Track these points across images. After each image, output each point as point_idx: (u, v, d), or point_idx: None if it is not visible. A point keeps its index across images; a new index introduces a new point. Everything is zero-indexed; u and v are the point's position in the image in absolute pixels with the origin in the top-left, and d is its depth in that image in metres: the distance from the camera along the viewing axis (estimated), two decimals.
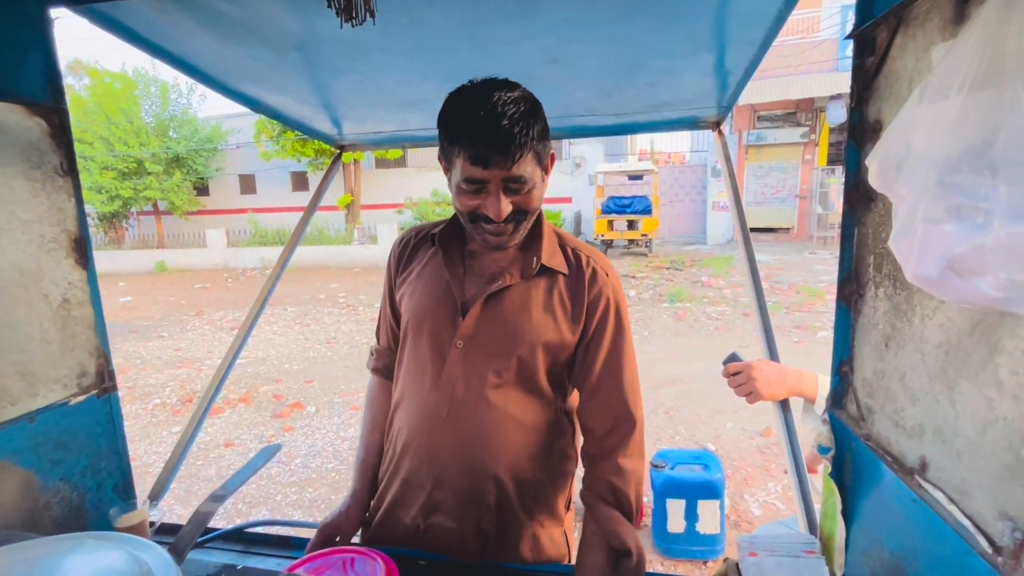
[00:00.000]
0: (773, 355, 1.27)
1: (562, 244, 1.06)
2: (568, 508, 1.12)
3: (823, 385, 1.22)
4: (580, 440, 1.10)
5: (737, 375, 1.22)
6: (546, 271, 1.01)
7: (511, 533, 1.02)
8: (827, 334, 6.05)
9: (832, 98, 11.52)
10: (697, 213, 16.25)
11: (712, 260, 11.67)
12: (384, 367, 1.18)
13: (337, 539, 1.06)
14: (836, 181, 12.43)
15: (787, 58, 12.18)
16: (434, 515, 1.02)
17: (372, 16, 0.74)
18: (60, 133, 1.04)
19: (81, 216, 1.08)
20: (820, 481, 1.15)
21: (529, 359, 0.98)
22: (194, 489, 3.42)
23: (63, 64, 1.08)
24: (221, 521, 3.06)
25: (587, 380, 1.02)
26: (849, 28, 0.83)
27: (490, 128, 0.85)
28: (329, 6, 0.71)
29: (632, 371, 1.03)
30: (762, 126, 13.95)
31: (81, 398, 1.09)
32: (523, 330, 0.98)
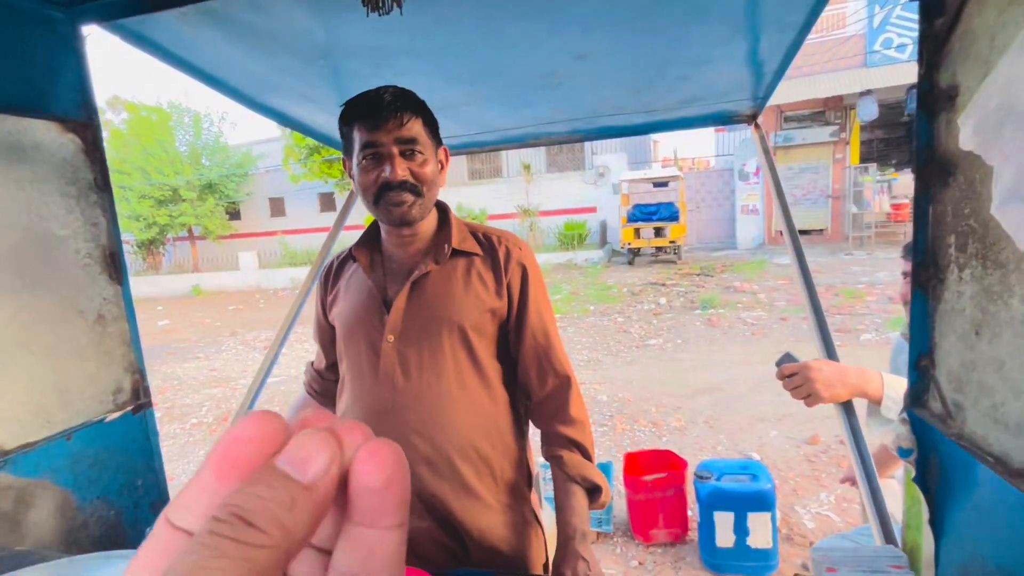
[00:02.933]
0: (831, 354, 1.19)
1: (472, 231, 1.12)
2: (530, 486, 1.13)
3: (889, 384, 1.13)
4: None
5: (793, 376, 1.14)
6: (460, 255, 1.07)
7: (479, 519, 1.01)
8: (871, 336, 5.81)
9: (862, 94, 11.21)
10: (725, 218, 15.95)
11: (744, 265, 11.40)
12: (311, 382, 1.27)
13: None
14: (871, 179, 12.04)
15: (812, 56, 11.94)
16: None
17: (399, 6, 0.71)
18: (94, 149, 1.04)
19: (115, 231, 1.08)
20: (891, 487, 1.06)
21: (460, 338, 1.02)
22: None
23: (102, 100, 1.10)
24: None
25: (522, 347, 1.07)
26: (878, 21, 0.76)
27: (378, 98, 0.97)
28: None
29: (558, 336, 1.10)
30: (789, 127, 13.67)
31: (117, 415, 1.08)
32: (448, 310, 1.02)
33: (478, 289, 1.04)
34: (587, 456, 1.04)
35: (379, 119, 0.95)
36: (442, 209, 1.12)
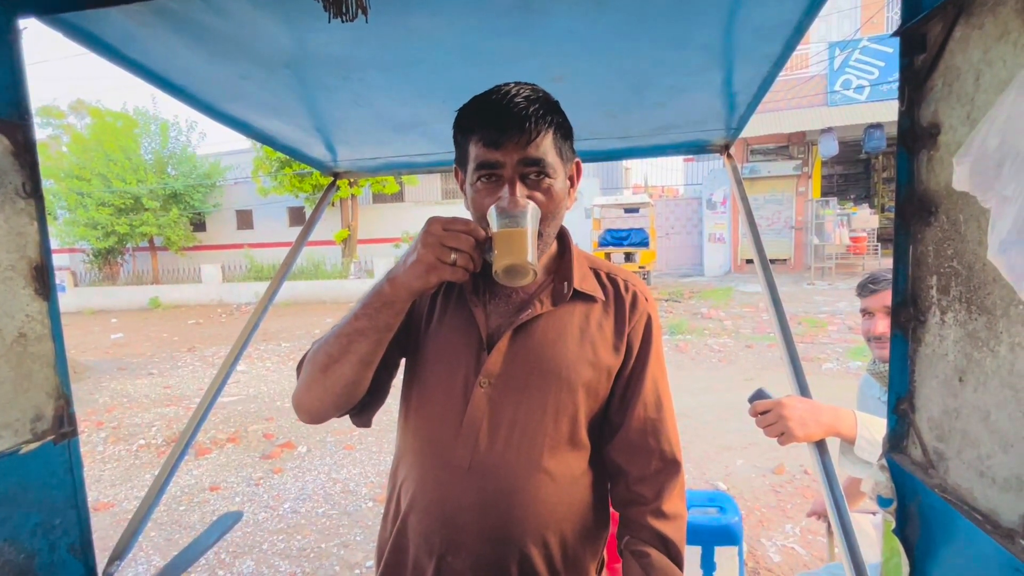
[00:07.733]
0: (803, 390, 1.17)
1: (594, 268, 0.97)
2: (600, 573, 0.99)
3: (862, 424, 1.11)
4: None
5: (766, 413, 1.11)
6: (580, 297, 0.91)
7: None
8: (833, 366, 5.94)
9: (824, 131, 11.68)
10: (693, 245, 16.30)
11: (711, 292, 11.61)
12: None
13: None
14: (831, 212, 12.51)
15: (778, 93, 12.43)
16: None
17: (364, 13, 0.66)
18: (24, 152, 0.95)
19: (44, 242, 0.98)
20: (858, 522, 1.03)
21: (567, 400, 0.87)
22: (175, 538, 3.22)
23: (65, 104, 1.01)
24: (203, 574, 2.85)
25: (628, 416, 0.91)
26: (838, 63, 0.75)
27: (503, 107, 0.79)
28: None
29: (672, 409, 0.95)
30: (755, 159, 14.13)
31: (34, 445, 0.97)
32: (558, 365, 0.87)
33: (596, 342, 0.89)
34: (678, 561, 0.87)
35: (501, 134, 0.79)
36: (562, 236, 0.96)
